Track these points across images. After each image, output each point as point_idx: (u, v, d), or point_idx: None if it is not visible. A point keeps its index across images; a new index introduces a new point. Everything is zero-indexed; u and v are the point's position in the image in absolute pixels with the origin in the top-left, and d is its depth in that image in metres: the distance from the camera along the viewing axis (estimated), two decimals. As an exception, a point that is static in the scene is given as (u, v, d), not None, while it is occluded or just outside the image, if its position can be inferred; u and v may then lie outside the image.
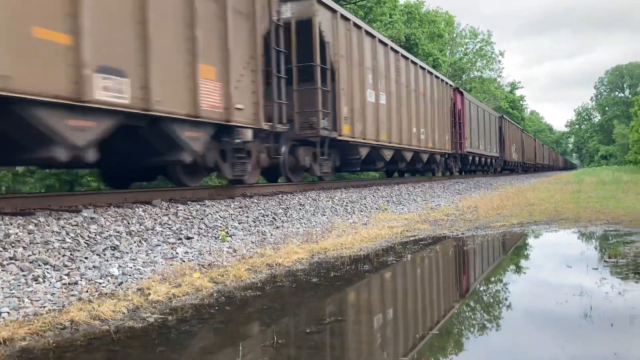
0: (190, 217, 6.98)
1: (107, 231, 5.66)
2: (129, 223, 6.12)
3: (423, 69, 18.54)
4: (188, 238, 6.20)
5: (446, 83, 21.69)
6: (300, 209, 9.13)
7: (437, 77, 20.27)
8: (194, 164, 8.17)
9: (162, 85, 6.77)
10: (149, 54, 6.56)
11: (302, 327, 3.13)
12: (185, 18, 7.26)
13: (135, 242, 5.59)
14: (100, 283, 4.11)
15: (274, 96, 9.46)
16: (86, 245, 5.18)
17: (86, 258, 4.85)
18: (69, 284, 4.04)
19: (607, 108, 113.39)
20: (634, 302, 3.48)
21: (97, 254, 5.02)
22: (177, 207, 7.31)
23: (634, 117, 53.33)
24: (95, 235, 5.48)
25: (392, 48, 15.56)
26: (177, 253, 5.41)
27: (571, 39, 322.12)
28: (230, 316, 3.46)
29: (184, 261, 5.11)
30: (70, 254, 4.83)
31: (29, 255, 4.47)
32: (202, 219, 7.05)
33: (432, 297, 4.35)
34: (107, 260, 4.84)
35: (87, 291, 3.89)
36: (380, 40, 14.50)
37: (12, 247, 4.55)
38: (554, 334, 2.96)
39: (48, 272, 4.28)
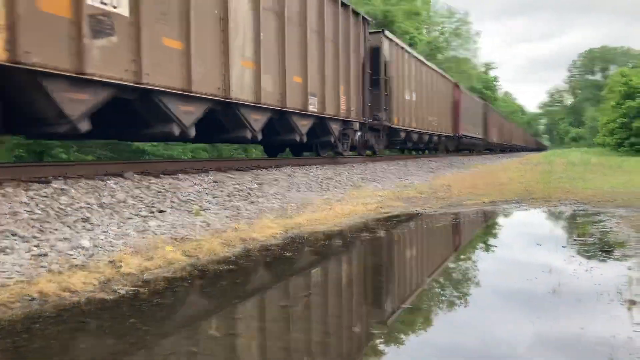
0: (163, 191, 6.90)
1: (77, 203, 5.55)
2: (100, 195, 6.02)
3: (436, 71, 24.39)
4: (161, 211, 6.13)
5: (449, 80, 27.60)
6: (275, 184, 9.09)
7: (444, 76, 26.19)
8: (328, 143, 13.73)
9: (328, 99, 12.28)
10: (325, 83, 12.13)
11: (276, 301, 3.13)
12: (336, 61, 12.79)
13: (106, 215, 5.51)
14: (70, 255, 4.04)
15: (365, 101, 14.85)
16: (56, 216, 5.08)
17: (56, 230, 4.76)
18: (38, 255, 3.96)
19: (578, 91, 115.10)
20: (600, 279, 3.56)
21: (67, 226, 4.93)
22: (150, 180, 7.21)
23: (605, 100, 54.22)
24: (66, 206, 5.37)
25: (419, 59, 21.14)
26: (149, 226, 5.34)
27: (547, 21, 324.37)
28: (203, 289, 3.44)
29: (156, 234, 5.05)
30: (40, 226, 4.73)
31: (-4, 226, 4.37)
32: (175, 192, 6.97)
33: (405, 272, 4.39)
34: (78, 232, 4.76)
35: (57, 262, 3.82)
36: (413, 55, 20.27)
37: (-21, 217, 4.43)
38: (524, 310, 3.01)
39: (16, 244, 4.19)
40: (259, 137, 9.72)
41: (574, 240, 5.04)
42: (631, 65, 75.97)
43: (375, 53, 15.81)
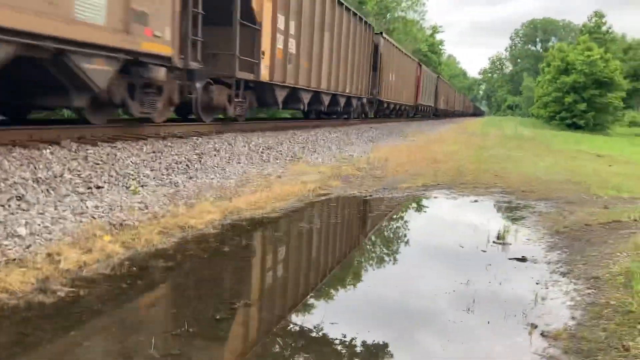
0: (100, 162, 6.82)
1: (12, 177, 5.46)
2: (35, 168, 5.91)
3: (408, 56, 32.38)
4: (98, 187, 6.11)
5: (415, 60, 35.26)
6: (215, 155, 9.11)
7: (412, 58, 34.31)
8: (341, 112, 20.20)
9: (353, 84, 19.92)
10: (353, 74, 19.68)
11: (211, 312, 3.29)
12: (359, 58, 20.40)
13: (42, 192, 5.44)
14: (6, 245, 4.03)
15: (369, 83, 22.44)
16: (-11, 194, 4.99)
17: (-11, 210, 4.70)
18: (-30, 245, 3.93)
19: (519, 60, 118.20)
20: (510, 295, 3.92)
21: (1, 205, 4.87)
22: (87, 149, 7.10)
23: (542, 72, 56.08)
24: (-1, 182, 5.27)
25: (400, 50, 28.97)
26: (87, 207, 5.33)
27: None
28: (142, 293, 3.56)
29: (94, 218, 5.07)
30: (-28, 206, 4.66)
31: None
32: (112, 164, 6.92)
33: (332, 265, 4.64)
34: (13, 214, 4.71)
35: (-8, 256, 3.82)
36: (397, 47, 28.21)
37: None
38: (428, 329, 3.32)
39: (-52, 228, 4.14)
40: (326, 109, 17.69)
41: (494, 243, 5.43)
42: (570, 38, 78.34)
43: (375, 48, 23.17)
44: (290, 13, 13.09)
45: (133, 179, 6.68)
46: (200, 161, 8.45)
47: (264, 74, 11.96)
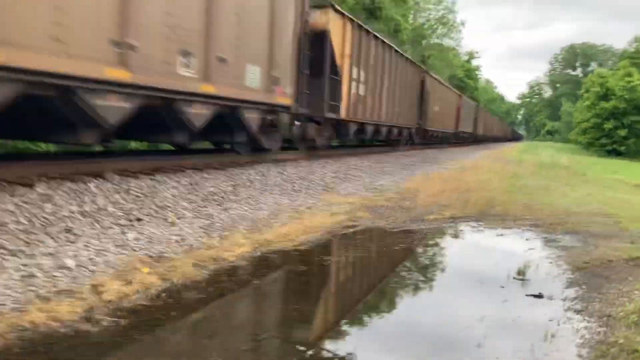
0: (141, 196, 7.27)
1: (61, 211, 5.92)
2: (82, 201, 6.37)
3: (450, 88, 37.84)
4: (138, 220, 6.53)
5: (456, 92, 40.03)
6: (249, 186, 9.51)
7: (454, 91, 39.38)
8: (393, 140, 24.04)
9: (405, 116, 24.16)
10: (405, 108, 23.95)
11: (240, 345, 3.61)
12: (410, 94, 24.72)
13: (87, 224, 5.88)
14: (57, 277, 4.44)
15: (417, 114, 26.61)
16: (41, 226, 5.45)
17: (42, 242, 5.14)
18: (26, 276, 4.35)
19: (558, 85, 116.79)
20: (522, 333, 4.11)
21: (52, 237, 5.31)
22: (129, 182, 7.55)
23: (581, 98, 55.39)
24: (50, 215, 5.73)
25: (442, 83, 33.72)
26: (128, 239, 5.74)
27: (533, 10, 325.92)
28: (176, 325, 3.90)
29: (134, 250, 5.47)
30: (26, 238, 5.10)
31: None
32: (153, 197, 7.36)
33: (357, 297, 4.90)
34: (62, 246, 5.14)
35: (44, 286, 4.22)
36: (440, 82, 32.75)
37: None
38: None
39: (5, 258, 4.57)
40: (383, 137, 21.39)
41: (514, 279, 5.59)
42: (610, 63, 77.19)
43: (422, 84, 26.95)
44: (360, 65, 17.02)
45: (171, 211, 7.10)
46: (234, 192, 8.85)
47: (343, 114, 15.70)
